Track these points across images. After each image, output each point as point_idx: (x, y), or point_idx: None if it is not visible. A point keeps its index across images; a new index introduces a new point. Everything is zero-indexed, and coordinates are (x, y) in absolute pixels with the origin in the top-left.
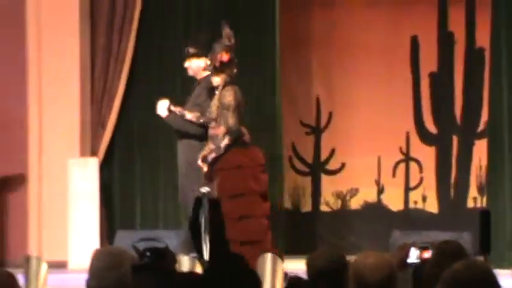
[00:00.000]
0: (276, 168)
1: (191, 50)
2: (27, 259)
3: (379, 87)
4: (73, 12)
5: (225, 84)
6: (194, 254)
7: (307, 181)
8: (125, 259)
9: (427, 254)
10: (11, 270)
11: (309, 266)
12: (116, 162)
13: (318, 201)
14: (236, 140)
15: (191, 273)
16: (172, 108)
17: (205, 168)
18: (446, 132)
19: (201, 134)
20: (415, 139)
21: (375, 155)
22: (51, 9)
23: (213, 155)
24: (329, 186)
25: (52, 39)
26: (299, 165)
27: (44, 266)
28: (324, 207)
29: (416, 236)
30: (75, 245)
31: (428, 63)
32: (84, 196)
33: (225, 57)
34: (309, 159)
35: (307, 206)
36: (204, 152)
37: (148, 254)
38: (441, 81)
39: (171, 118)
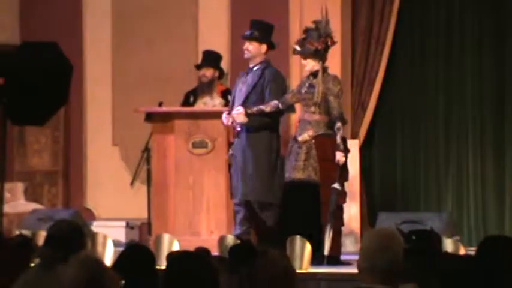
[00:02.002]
0: None
1: (256, 33)
2: (291, 240)
3: None
4: None
5: (324, 70)
6: (457, 237)
7: None
8: (395, 241)
9: None
10: None
11: None
12: (376, 145)
13: None
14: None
15: (460, 255)
16: (249, 111)
17: (342, 160)
18: None
19: (272, 123)
20: None
21: None
22: None
23: (342, 146)
24: None
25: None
26: None
27: (308, 247)
28: None
29: None
30: None
31: None
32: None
33: (330, 42)
34: None
35: None
36: (307, 137)
37: (414, 236)
38: None
39: (251, 121)
